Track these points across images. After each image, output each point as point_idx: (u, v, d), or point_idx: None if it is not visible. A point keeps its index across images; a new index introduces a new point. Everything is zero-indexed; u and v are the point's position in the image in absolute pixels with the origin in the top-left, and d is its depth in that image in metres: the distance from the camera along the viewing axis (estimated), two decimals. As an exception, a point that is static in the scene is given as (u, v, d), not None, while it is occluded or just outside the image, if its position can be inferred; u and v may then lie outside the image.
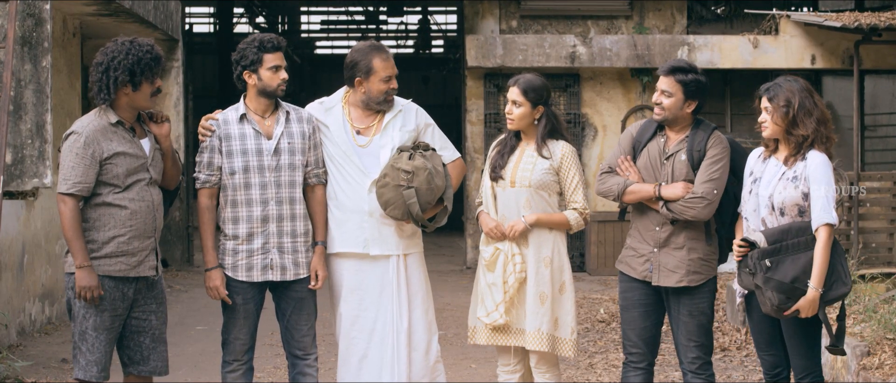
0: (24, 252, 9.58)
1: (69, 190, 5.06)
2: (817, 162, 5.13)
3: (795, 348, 5.25)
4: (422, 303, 5.74)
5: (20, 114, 9.13)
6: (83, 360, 5.14)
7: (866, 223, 12.97)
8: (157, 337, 5.35)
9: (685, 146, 5.50)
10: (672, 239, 5.49)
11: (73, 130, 5.15)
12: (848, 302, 8.56)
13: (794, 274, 5.04)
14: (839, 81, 15.36)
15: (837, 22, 12.97)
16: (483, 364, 8.48)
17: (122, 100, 5.16)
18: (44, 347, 9.15)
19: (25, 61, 9.07)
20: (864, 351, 7.07)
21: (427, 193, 5.52)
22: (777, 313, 5.11)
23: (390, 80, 5.68)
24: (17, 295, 9.41)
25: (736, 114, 15.40)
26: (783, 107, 5.17)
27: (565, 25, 15.33)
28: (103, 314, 5.13)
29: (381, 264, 5.68)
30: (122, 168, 5.12)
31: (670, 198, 5.43)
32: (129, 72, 5.08)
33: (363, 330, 5.68)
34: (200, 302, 11.72)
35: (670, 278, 5.49)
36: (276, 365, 8.46)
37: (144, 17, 11.44)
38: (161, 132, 5.35)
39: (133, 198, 5.15)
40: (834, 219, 5.06)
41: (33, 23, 9.05)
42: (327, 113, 5.79)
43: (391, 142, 5.68)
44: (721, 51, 14.70)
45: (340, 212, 5.70)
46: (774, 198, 5.19)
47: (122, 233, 5.14)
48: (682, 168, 5.47)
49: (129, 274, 5.18)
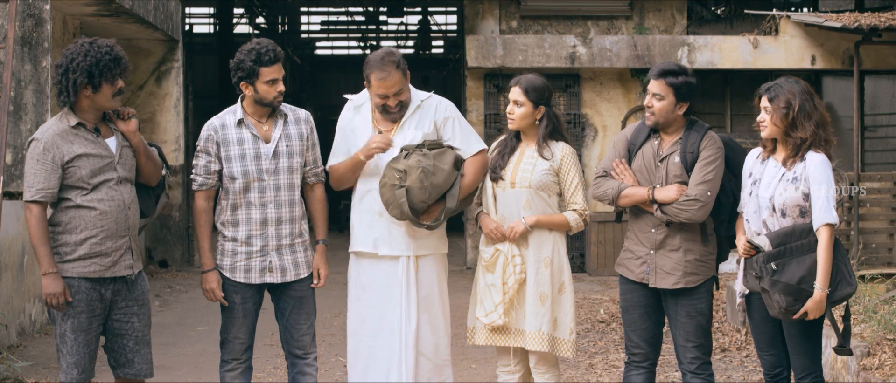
0: (24, 252, 9.57)
1: (33, 197, 5.03)
2: (817, 162, 5.13)
3: (796, 348, 5.25)
4: (432, 306, 5.70)
5: (20, 114, 9.11)
6: (64, 363, 5.14)
7: (866, 223, 12.97)
8: (140, 340, 5.31)
9: (679, 148, 5.50)
10: (668, 241, 5.49)
11: (34, 137, 5.12)
12: (849, 302, 8.54)
13: (801, 275, 5.04)
14: (839, 82, 15.36)
15: (837, 22, 12.97)
16: (483, 364, 8.48)
17: (83, 102, 5.12)
18: (44, 347, 9.14)
19: (25, 62, 9.06)
20: (865, 351, 7.08)
21: (419, 192, 5.46)
22: (785, 316, 5.11)
23: (387, 98, 5.60)
24: (17, 296, 9.40)
25: (736, 114, 15.39)
26: (783, 108, 5.17)
27: (565, 26, 15.32)
28: (80, 316, 5.11)
29: (390, 264, 5.67)
30: (86, 169, 5.08)
31: (664, 200, 5.42)
32: (87, 74, 5.04)
33: (371, 328, 5.68)
34: (201, 303, 11.69)
35: (667, 280, 5.49)
36: (276, 365, 8.45)
37: (144, 17, 11.42)
38: (127, 129, 5.27)
39: (102, 198, 5.11)
40: (834, 219, 5.07)
41: (33, 23, 9.04)
42: (356, 111, 5.80)
43: (404, 141, 5.64)
44: (721, 51, 14.69)
45: (357, 211, 5.75)
46: (775, 200, 5.19)
47: (94, 234, 5.10)
48: (676, 170, 5.47)
49: (105, 274, 5.14)
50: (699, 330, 5.51)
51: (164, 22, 12.51)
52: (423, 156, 5.51)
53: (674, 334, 5.60)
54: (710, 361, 5.57)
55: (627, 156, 5.62)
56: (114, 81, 5.10)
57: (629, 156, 5.62)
